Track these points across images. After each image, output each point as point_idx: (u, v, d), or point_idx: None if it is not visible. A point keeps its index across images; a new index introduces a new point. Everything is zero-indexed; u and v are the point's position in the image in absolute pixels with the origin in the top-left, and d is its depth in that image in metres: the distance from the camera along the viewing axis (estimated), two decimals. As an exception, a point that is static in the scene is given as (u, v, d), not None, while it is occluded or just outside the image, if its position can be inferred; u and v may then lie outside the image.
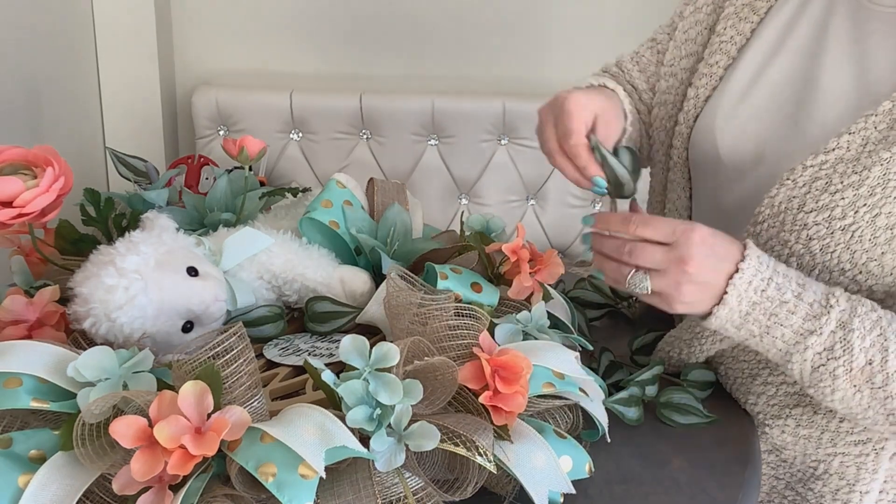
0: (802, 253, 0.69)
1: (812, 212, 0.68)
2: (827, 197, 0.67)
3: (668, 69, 0.90)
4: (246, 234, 0.78)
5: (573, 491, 0.59)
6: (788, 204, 0.70)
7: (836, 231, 0.67)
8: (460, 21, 1.81)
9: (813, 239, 0.68)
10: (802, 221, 0.68)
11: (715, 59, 0.83)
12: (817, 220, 0.68)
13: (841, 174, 0.67)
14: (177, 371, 0.54)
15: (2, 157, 0.69)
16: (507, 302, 0.75)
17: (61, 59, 1.53)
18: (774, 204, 0.71)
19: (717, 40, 0.83)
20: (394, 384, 0.55)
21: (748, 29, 0.81)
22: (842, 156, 0.68)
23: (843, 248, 0.67)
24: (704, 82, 0.83)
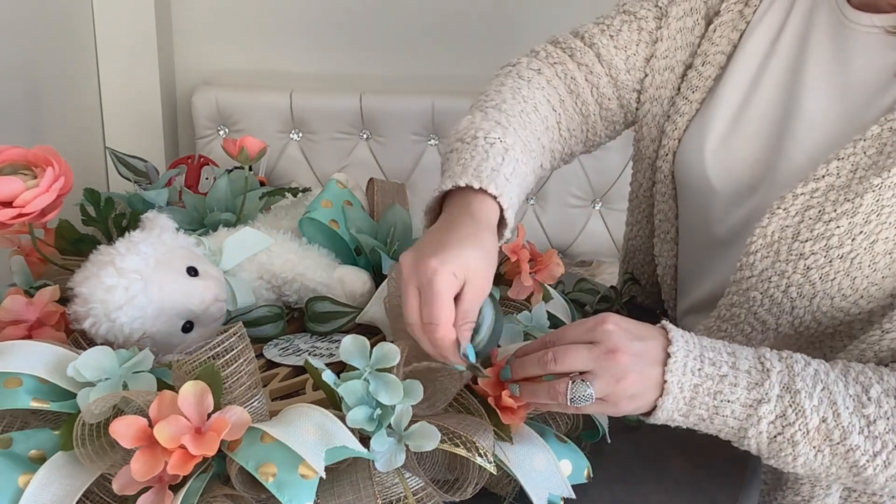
0: (801, 282, 0.68)
1: (808, 241, 0.67)
2: (821, 226, 0.66)
3: (663, 62, 0.84)
4: (246, 234, 0.78)
5: (573, 495, 0.59)
6: (782, 234, 0.68)
7: (835, 259, 0.66)
8: (460, 21, 1.81)
9: (811, 268, 0.67)
10: (798, 251, 0.67)
11: (708, 72, 0.80)
12: (814, 249, 0.66)
13: (833, 202, 0.66)
14: (177, 371, 0.54)
15: (2, 157, 0.69)
16: (507, 302, 0.75)
17: (61, 59, 1.53)
18: (767, 234, 0.69)
19: (712, 49, 0.80)
20: (394, 384, 0.55)
21: (737, 36, 0.79)
22: (832, 183, 0.66)
23: (842, 275, 0.66)
24: (697, 96, 0.81)
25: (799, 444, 0.59)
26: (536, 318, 0.70)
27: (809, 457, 0.60)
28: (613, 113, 0.87)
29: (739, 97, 0.78)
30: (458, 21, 1.81)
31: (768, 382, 0.59)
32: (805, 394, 0.59)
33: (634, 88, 0.86)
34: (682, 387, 0.59)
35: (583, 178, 1.79)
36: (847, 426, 0.59)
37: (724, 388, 0.59)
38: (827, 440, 0.59)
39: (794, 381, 0.59)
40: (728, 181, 0.78)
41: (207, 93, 1.73)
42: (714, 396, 0.59)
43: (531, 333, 0.69)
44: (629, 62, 0.85)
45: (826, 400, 0.59)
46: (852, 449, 0.59)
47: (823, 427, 0.59)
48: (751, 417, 0.59)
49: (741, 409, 0.59)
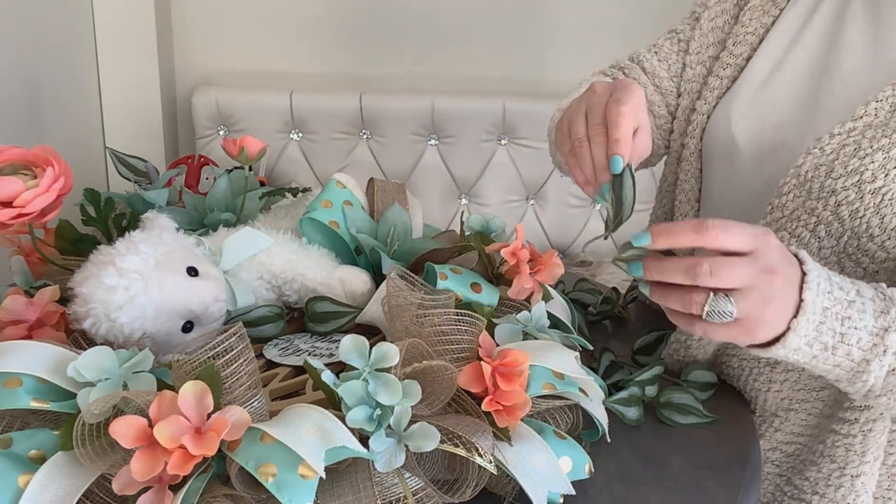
0: (831, 220, 0.68)
1: (841, 177, 0.66)
2: (856, 161, 0.66)
3: (694, 57, 0.89)
4: (246, 234, 0.78)
5: (573, 492, 0.59)
6: (815, 172, 0.69)
7: (867, 195, 0.65)
8: (460, 21, 1.81)
9: (841, 204, 0.67)
10: (831, 188, 0.67)
11: (739, 50, 0.84)
12: (846, 185, 0.66)
13: (870, 139, 0.67)
14: (177, 371, 0.54)
15: (2, 157, 0.69)
16: (507, 302, 0.75)
17: (61, 59, 1.53)
18: (801, 173, 0.70)
19: (741, 31, 0.84)
20: (393, 385, 0.55)
21: (769, 21, 0.82)
22: (870, 122, 0.68)
23: (872, 211, 0.66)
24: (728, 73, 0.84)
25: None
26: (536, 318, 0.70)
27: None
28: (664, 119, 0.93)
29: (769, 69, 0.81)
30: (458, 21, 1.81)
31: (893, 309, 0.57)
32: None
33: (678, 93, 0.92)
34: (814, 308, 0.56)
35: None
36: None
37: (853, 313, 0.56)
38: None
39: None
40: (753, 141, 0.79)
41: (207, 93, 1.73)
42: (842, 322, 0.56)
43: (531, 333, 0.69)
44: (670, 70, 0.92)
45: None
46: None
47: None
48: (877, 347, 0.56)
49: (868, 338, 0.56)
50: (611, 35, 1.76)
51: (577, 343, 0.74)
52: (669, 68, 0.92)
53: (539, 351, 0.65)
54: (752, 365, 0.79)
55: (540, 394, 0.62)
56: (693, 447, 0.72)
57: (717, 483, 0.67)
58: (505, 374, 0.59)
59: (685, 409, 0.76)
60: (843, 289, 0.57)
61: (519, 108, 1.75)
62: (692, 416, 0.75)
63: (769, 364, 0.78)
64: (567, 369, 0.64)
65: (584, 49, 1.79)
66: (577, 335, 0.77)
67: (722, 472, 0.68)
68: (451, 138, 1.78)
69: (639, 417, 0.74)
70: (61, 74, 1.53)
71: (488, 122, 1.76)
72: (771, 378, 0.78)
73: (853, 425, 0.72)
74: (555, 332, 0.72)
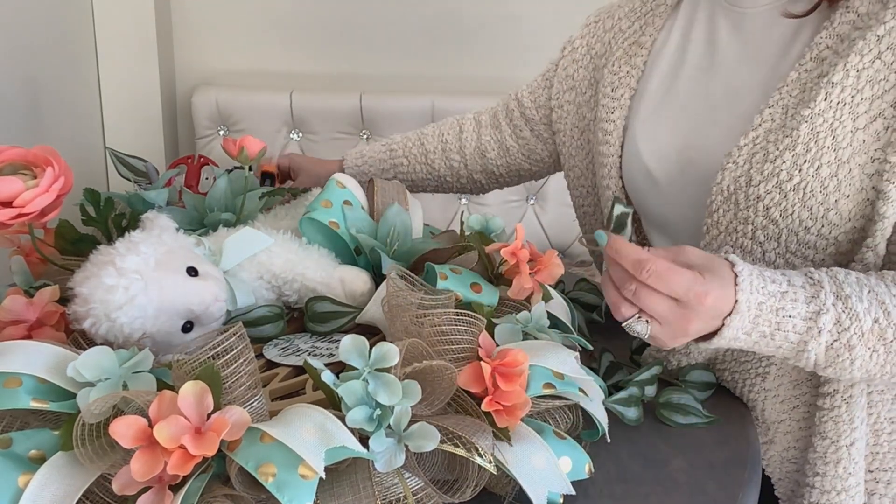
0: (766, 224, 0.72)
1: (760, 183, 0.71)
2: (769, 165, 0.71)
3: (556, 101, 1.02)
4: (246, 234, 0.78)
5: (573, 492, 0.59)
6: (736, 184, 0.73)
7: (789, 192, 0.70)
8: (460, 21, 1.81)
9: (770, 207, 0.71)
10: (755, 194, 0.72)
11: (619, 93, 0.89)
12: (768, 188, 0.71)
13: (774, 142, 0.71)
14: (177, 371, 0.54)
15: (2, 157, 0.69)
16: (507, 302, 0.75)
17: (61, 59, 1.53)
18: (723, 189, 0.74)
19: (614, 78, 0.90)
20: (393, 385, 0.55)
21: (641, 62, 0.89)
22: (769, 127, 0.72)
23: (799, 206, 0.70)
24: (618, 115, 0.89)
25: (855, 348, 0.63)
26: (536, 318, 0.70)
27: (865, 358, 0.64)
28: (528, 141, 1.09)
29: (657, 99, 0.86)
30: (458, 21, 1.81)
31: (823, 293, 0.63)
32: (855, 298, 0.63)
33: (543, 122, 1.07)
34: (749, 305, 0.62)
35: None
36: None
37: (786, 304, 0.63)
38: (881, 339, 0.63)
39: (843, 288, 0.63)
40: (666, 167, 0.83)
41: (207, 93, 1.73)
42: (776, 313, 0.63)
43: (531, 333, 0.69)
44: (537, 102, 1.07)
45: (875, 301, 0.63)
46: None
47: (876, 328, 0.63)
48: (811, 330, 0.63)
49: (802, 323, 0.63)
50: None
51: (577, 343, 0.74)
52: (536, 100, 1.07)
53: (539, 351, 0.65)
54: (745, 377, 0.80)
55: (540, 394, 0.62)
56: (693, 447, 0.72)
57: (716, 483, 0.67)
58: (505, 374, 0.59)
59: (685, 409, 0.76)
60: (775, 282, 0.63)
61: (519, 108, 1.75)
62: (692, 416, 0.75)
63: (759, 374, 0.79)
64: (567, 369, 0.64)
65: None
66: (577, 335, 0.76)
67: (722, 472, 0.68)
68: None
69: (638, 417, 0.74)
70: (61, 74, 1.53)
71: (488, 122, 1.76)
72: (765, 387, 0.79)
73: (834, 397, 0.74)
74: (555, 332, 0.72)
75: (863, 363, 0.64)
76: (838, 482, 0.76)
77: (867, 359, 0.64)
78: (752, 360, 0.79)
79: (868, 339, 0.63)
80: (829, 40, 0.71)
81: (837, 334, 0.63)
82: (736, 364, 0.80)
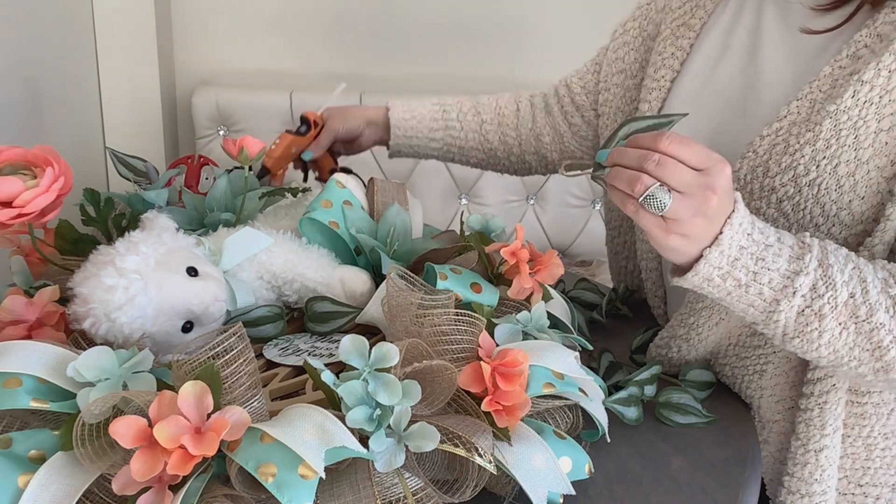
0: (776, 216, 0.72)
1: (777, 175, 0.71)
2: (788, 158, 0.70)
3: (603, 84, 0.99)
4: (246, 234, 0.78)
5: (573, 492, 0.59)
6: (753, 174, 0.73)
7: (804, 188, 0.69)
8: (460, 21, 1.81)
9: (783, 200, 0.71)
10: (770, 186, 0.71)
11: (661, 74, 0.88)
12: (783, 181, 0.70)
13: (796, 135, 0.70)
14: (176, 371, 0.54)
15: (2, 157, 0.69)
16: (507, 302, 0.75)
17: (61, 59, 1.53)
18: (740, 177, 0.74)
19: (658, 59, 0.89)
20: (393, 385, 0.55)
21: (687, 44, 0.87)
22: (794, 120, 0.71)
23: (812, 202, 0.70)
24: (655, 95, 0.88)
25: (826, 318, 0.61)
26: (536, 318, 0.70)
27: (835, 333, 0.62)
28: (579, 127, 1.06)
29: (698, 83, 0.84)
30: (458, 21, 1.81)
31: (808, 256, 0.62)
32: (837, 268, 0.62)
33: (591, 108, 1.04)
34: (731, 244, 0.61)
35: (583, 179, 1.79)
36: (874, 303, 0.61)
37: (768, 255, 0.62)
38: (853, 317, 0.62)
39: (828, 257, 0.63)
40: None
41: (207, 93, 1.73)
42: (756, 262, 0.62)
43: (531, 333, 0.69)
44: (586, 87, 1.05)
45: (856, 277, 0.62)
46: (877, 327, 0.61)
47: (851, 302, 0.61)
48: (786, 289, 0.62)
49: (779, 279, 0.62)
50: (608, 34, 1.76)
51: (577, 343, 0.74)
52: (585, 85, 1.05)
53: (539, 351, 0.65)
54: (744, 373, 0.80)
55: (540, 394, 0.62)
56: (693, 447, 0.72)
57: (717, 483, 0.67)
58: (505, 374, 0.59)
59: (684, 408, 0.76)
60: (763, 233, 0.63)
61: (519, 108, 1.75)
62: (691, 415, 0.75)
63: (757, 371, 0.79)
64: (567, 369, 0.64)
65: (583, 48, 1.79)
66: (577, 335, 0.77)
67: (722, 472, 0.68)
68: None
69: (638, 417, 0.74)
70: (61, 74, 1.53)
71: (488, 122, 1.76)
72: (762, 385, 0.79)
73: (809, 399, 0.74)
74: (555, 332, 0.72)
75: (831, 338, 0.63)
76: (803, 485, 0.76)
77: (836, 334, 0.62)
78: (752, 357, 0.79)
79: (841, 312, 0.62)
80: (868, 39, 0.69)
81: (811, 300, 0.62)
82: (736, 360, 0.80)
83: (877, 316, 0.61)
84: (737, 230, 0.62)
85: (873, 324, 0.62)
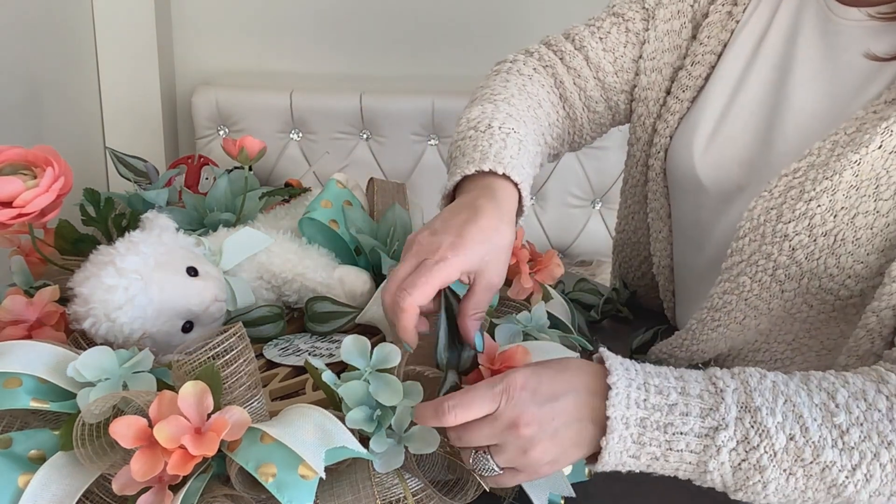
0: (788, 264, 0.68)
1: (791, 221, 0.67)
2: (802, 205, 0.66)
3: (650, 63, 0.84)
4: (246, 234, 0.78)
5: (573, 494, 0.59)
6: (767, 216, 0.69)
7: (819, 237, 0.66)
8: (460, 21, 1.81)
9: (796, 249, 0.67)
10: (783, 232, 0.67)
11: (698, 72, 0.81)
12: (797, 228, 0.67)
13: (812, 181, 0.66)
14: (177, 371, 0.54)
15: (2, 157, 0.69)
16: (507, 302, 0.75)
17: (61, 59, 1.53)
18: (753, 217, 0.70)
19: (700, 49, 0.81)
20: (394, 385, 0.55)
21: (727, 36, 0.80)
22: (812, 162, 0.67)
23: (827, 253, 0.66)
24: (687, 95, 0.81)
25: (767, 469, 0.52)
26: (536, 319, 0.70)
27: (781, 482, 0.53)
28: (600, 115, 0.88)
29: (727, 96, 0.79)
30: (458, 21, 1.81)
31: (723, 406, 0.53)
32: (767, 410, 0.53)
33: (623, 90, 0.87)
34: (627, 422, 0.52)
35: (583, 178, 1.79)
36: (818, 441, 0.52)
37: (675, 418, 0.52)
38: (798, 460, 0.52)
39: (752, 398, 0.53)
40: (717, 180, 0.78)
41: (207, 93, 1.73)
42: (664, 430, 0.52)
43: (531, 334, 0.69)
44: (617, 64, 0.86)
45: (791, 414, 0.53)
46: (828, 466, 0.52)
47: (792, 446, 0.52)
48: (708, 449, 0.52)
49: (696, 441, 0.52)
50: None
51: (577, 343, 0.74)
52: (616, 62, 0.86)
53: (539, 351, 0.65)
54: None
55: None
56: (693, 447, 0.71)
57: (717, 483, 0.67)
58: None
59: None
60: (661, 392, 0.53)
61: (519, 108, 1.75)
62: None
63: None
64: (567, 369, 0.64)
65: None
66: (577, 335, 0.76)
67: (722, 472, 0.68)
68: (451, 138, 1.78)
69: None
70: (61, 74, 1.53)
71: (488, 122, 1.76)
72: None
73: None
74: (555, 332, 0.72)
75: (778, 487, 0.53)
76: None
77: (783, 482, 0.53)
78: (769, 361, 0.76)
79: (782, 459, 0.52)
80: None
81: (745, 453, 0.52)
82: (744, 363, 0.79)
83: (824, 455, 0.52)
84: (626, 405, 0.52)
85: (822, 464, 0.52)
